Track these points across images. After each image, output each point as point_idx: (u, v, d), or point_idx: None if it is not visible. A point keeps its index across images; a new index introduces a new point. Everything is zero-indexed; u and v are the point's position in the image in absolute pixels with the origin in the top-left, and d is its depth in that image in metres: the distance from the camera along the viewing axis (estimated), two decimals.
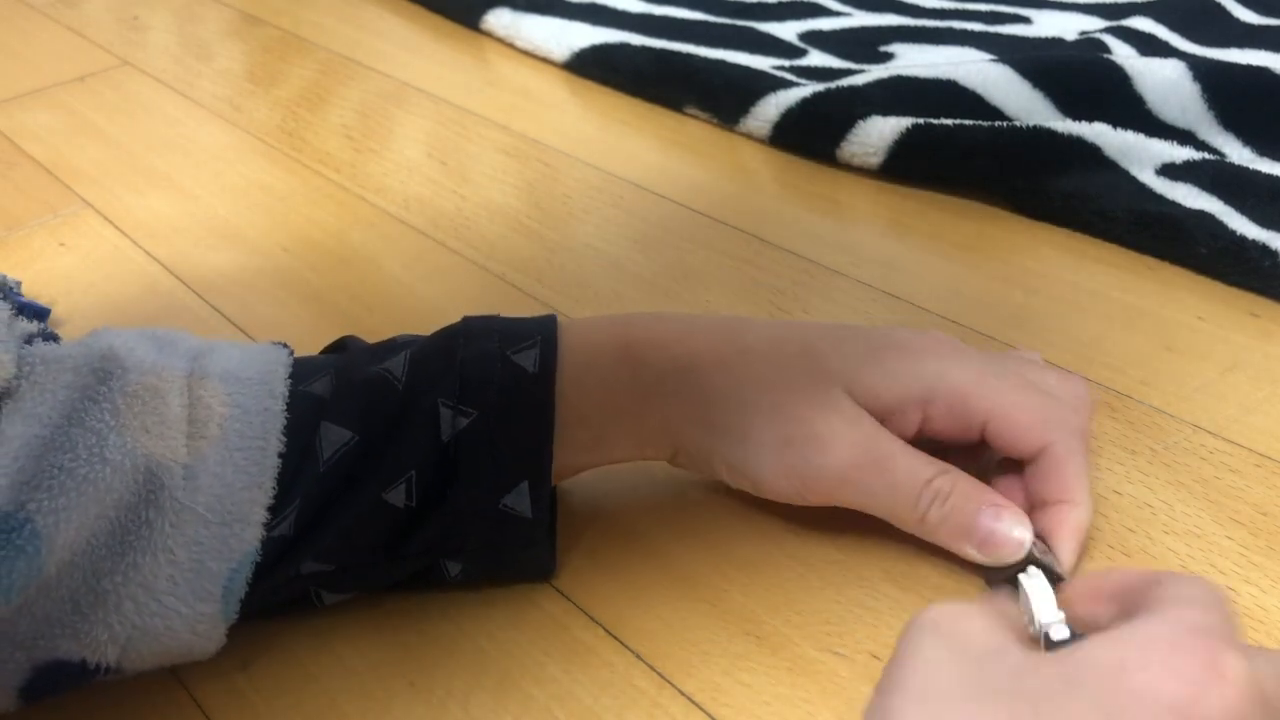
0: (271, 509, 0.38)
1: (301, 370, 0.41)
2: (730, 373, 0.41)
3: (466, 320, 0.43)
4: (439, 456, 0.40)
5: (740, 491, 0.43)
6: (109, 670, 0.37)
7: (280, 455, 0.39)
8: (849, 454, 0.40)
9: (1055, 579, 0.38)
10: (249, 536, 0.38)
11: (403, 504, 0.39)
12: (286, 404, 0.40)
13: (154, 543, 0.37)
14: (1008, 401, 0.41)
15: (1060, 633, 0.33)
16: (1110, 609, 0.34)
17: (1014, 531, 0.39)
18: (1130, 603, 0.32)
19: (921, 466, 0.40)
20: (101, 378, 0.37)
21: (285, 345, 0.43)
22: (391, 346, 0.43)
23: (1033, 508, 0.41)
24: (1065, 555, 0.40)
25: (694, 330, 0.43)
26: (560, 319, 0.43)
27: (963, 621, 0.31)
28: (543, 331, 0.42)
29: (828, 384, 0.41)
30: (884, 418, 0.41)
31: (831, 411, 0.40)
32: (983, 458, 0.43)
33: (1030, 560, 0.39)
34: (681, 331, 0.43)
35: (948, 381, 0.41)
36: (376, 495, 0.39)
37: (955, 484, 0.40)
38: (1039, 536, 0.40)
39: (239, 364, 0.41)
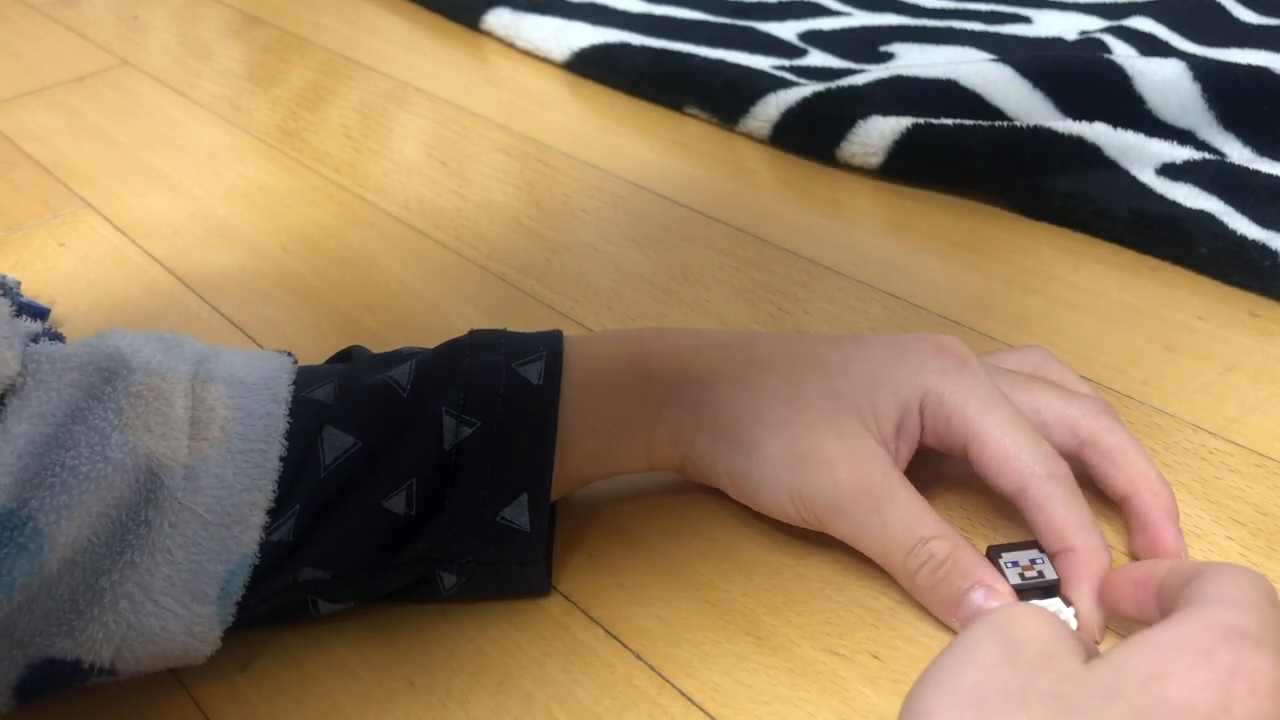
0: (271, 512, 0.38)
1: (306, 377, 0.41)
2: (743, 386, 0.41)
3: (473, 333, 0.43)
4: (440, 464, 0.40)
5: None
6: (103, 671, 0.37)
7: (281, 459, 0.39)
8: (849, 481, 0.39)
9: (1049, 590, 0.39)
10: (247, 539, 0.38)
11: (402, 512, 0.39)
12: (289, 409, 0.40)
13: (152, 542, 0.37)
14: (986, 433, 0.40)
15: None
16: (1154, 602, 0.35)
17: None
18: (1172, 596, 0.32)
19: (921, 520, 0.39)
20: (106, 377, 0.37)
21: (290, 354, 0.43)
22: (397, 356, 0.42)
23: None
24: (1083, 609, 0.38)
25: (708, 343, 0.43)
26: (569, 334, 0.43)
27: (1028, 626, 0.30)
28: (549, 345, 0.42)
29: (840, 406, 0.41)
30: (895, 429, 0.41)
31: (841, 436, 0.40)
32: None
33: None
34: (695, 344, 0.43)
35: (942, 399, 0.40)
36: (376, 502, 0.39)
37: (952, 552, 0.39)
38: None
39: (243, 369, 0.41)
